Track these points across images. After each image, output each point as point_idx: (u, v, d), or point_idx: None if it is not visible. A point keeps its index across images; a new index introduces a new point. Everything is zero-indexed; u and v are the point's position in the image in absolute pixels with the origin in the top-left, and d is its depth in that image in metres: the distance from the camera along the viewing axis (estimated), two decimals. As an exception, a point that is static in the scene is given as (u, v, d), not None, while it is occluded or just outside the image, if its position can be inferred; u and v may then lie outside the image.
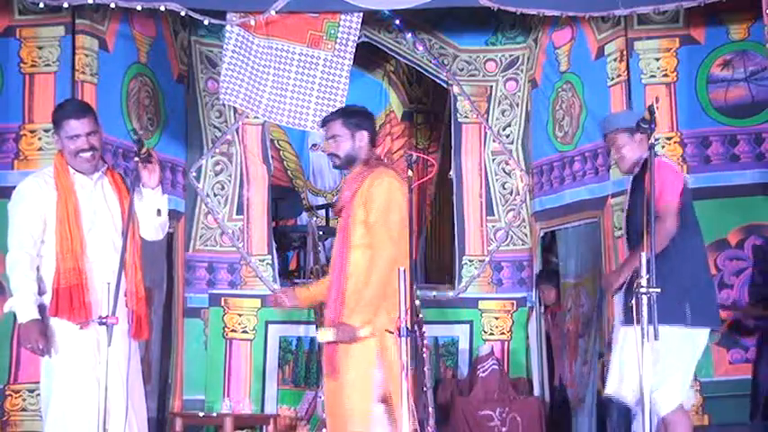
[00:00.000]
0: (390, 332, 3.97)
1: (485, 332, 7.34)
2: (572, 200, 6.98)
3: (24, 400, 5.75)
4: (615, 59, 6.59)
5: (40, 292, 4.16)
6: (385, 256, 4.28)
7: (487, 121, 7.56)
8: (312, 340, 7.03)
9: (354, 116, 4.55)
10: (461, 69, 7.61)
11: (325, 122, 4.62)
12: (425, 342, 6.49)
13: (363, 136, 4.49)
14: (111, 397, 3.94)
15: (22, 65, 6.12)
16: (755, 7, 5.72)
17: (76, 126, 4.18)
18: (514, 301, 7.42)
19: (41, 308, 4.13)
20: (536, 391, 7.23)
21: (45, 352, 4.08)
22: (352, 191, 4.44)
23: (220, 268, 7.16)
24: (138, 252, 4.33)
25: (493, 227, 7.47)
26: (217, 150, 7.23)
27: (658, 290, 3.77)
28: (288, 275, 7.78)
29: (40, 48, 6.11)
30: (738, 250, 6.32)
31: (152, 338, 6.55)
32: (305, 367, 7.13)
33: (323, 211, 8.39)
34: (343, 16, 6.44)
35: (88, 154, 4.22)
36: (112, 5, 5.98)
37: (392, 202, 4.34)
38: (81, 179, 4.27)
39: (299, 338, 7.13)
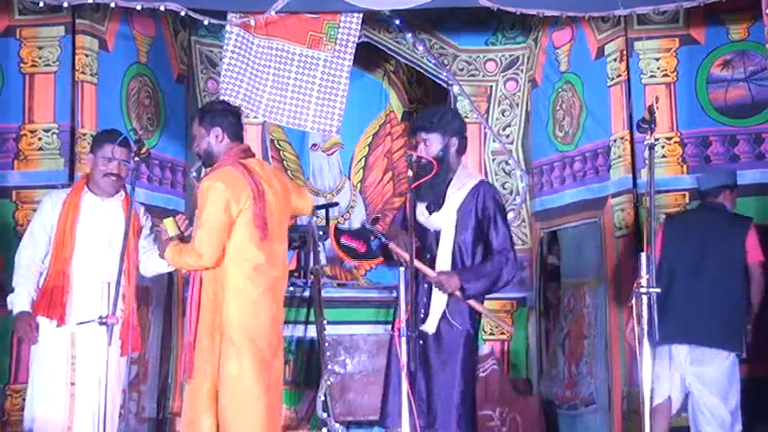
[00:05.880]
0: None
1: (485, 332, 7.31)
2: (572, 200, 6.97)
3: (24, 399, 5.73)
4: (615, 59, 6.58)
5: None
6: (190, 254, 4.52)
7: (487, 121, 7.56)
8: (312, 340, 7.01)
9: (208, 114, 4.73)
10: (461, 69, 7.61)
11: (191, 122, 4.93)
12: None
13: (218, 132, 4.64)
14: (82, 395, 4.62)
15: (22, 65, 6.13)
16: (755, 7, 5.72)
17: (114, 151, 4.77)
18: (514, 301, 7.41)
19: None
20: (536, 391, 7.22)
21: (33, 340, 4.78)
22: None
23: (220, 268, 7.13)
24: (135, 266, 4.89)
25: (493, 227, 7.46)
26: (217, 150, 7.21)
27: (658, 290, 4.09)
28: (288, 275, 7.73)
29: (40, 48, 6.12)
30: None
31: (151, 338, 6.56)
32: (305, 367, 7.11)
33: (323, 211, 8.37)
34: (342, 17, 6.43)
35: (113, 178, 4.86)
36: (112, 5, 5.98)
37: (206, 205, 4.47)
38: (91, 198, 4.86)
39: (298, 338, 7.10)
